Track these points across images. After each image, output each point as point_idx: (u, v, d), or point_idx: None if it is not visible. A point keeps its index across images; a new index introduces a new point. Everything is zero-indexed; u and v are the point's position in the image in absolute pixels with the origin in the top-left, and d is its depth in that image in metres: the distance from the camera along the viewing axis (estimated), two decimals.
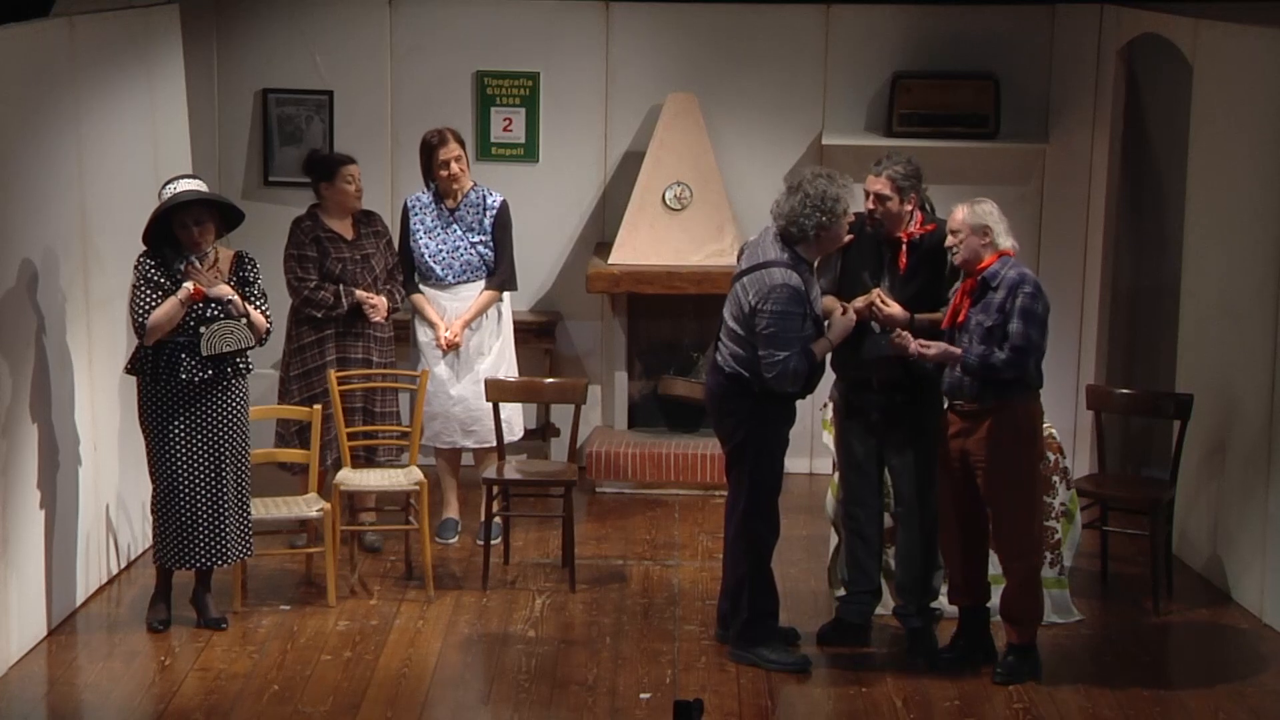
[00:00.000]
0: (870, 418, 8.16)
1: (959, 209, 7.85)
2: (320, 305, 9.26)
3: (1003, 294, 7.74)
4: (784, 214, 7.84)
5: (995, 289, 7.75)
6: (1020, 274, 7.77)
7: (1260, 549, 8.73)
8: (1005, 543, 7.91)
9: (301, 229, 9.37)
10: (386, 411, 9.44)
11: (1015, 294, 7.72)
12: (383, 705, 7.71)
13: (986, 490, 7.86)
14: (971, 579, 8.07)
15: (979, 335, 7.76)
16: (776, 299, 7.78)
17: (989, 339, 7.74)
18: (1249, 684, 8.06)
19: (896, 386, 8.11)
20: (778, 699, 7.84)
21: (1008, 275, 7.76)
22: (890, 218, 8.03)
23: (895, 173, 8.00)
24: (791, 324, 7.78)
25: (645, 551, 9.71)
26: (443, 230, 9.61)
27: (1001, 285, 7.75)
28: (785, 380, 7.83)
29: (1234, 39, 9.10)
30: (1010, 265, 7.79)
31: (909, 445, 8.15)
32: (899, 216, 8.04)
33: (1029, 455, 7.84)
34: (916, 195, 8.06)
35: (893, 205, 8.01)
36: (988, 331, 7.74)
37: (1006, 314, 7.72)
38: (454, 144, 9.52)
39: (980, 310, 7.78)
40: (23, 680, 7.91)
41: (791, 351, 7.79)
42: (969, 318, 7.81)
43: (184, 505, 8.31)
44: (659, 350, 10.94)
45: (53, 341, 8.35)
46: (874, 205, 8.03)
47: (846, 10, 10.80)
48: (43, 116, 8.30)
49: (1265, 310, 8.70)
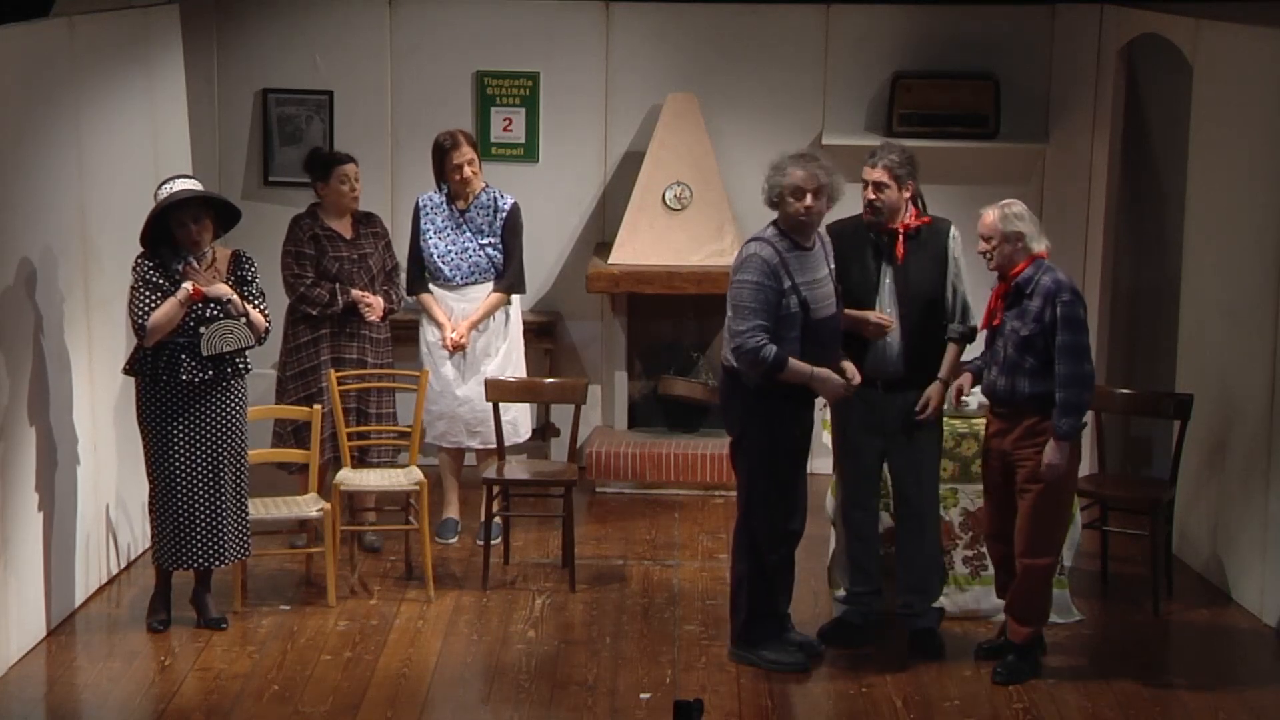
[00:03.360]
0: (874, 418, 8.16)
1: (989, 214, 7.82)
2: (315, 303, 9.26)
3: (1039, 302, 7.73)
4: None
5: (1030, 296, 7.75)
6: (1055, 280, 7.76)
7: (1260, 549, 8.72)
8: (1026, 540, 7.91)
9: (300, 226, 9.37)
10: (382, 413, 9.44)
11: (1054, 303, 7.71)
12: (383, 705, 7.71)
13: (1020, 487, 7.89)
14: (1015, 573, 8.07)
15: (1014, 342, 7.77)
16: (745, 268, 7.78)
17: (1026, 348, 7.74)
18: (1249, 684, 8.05)
19: (900, 387, 8.11)
20: (777, 699, 7.84)
21: (1043, 281, 7.76)
22: (890, 207, 8.05)
23: (891, 161, 8.03)
24: (758, 295, 7.71)
25: (645, 551, 9.71)
26: (453, 231, 9.61)
27: (1037, 293, 7.74)
28: (744, 357, 7.72)
29: (1234, 39, 9.10)
30: (1044, 270, 7.79)
31: (914, 446, 8.15)
32: (898, 206, 8.07)
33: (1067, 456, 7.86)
34: (913, 184, 8.08)
35: (891, 194, 8.03)
36: (1024, 340, 7.74)
37: (1046, 324, 7.72)
38: (466, 147, 9.52)
39: (1015, 317, 7.79)
40: (22, 680, 7.91)
41: (756, 324, 7.69)
42: (1004, 322, 7.83)
43: (182, 505, 8.31)
44: (659, 350, 10.94)
45: (52, 341, 8.35)
46: (873, 194, 8.04)
47: (846, 10, 10.80)
48: (43, 116, 8.30)
49: (1265, 310, 8.70)
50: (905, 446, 8.16)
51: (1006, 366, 7.83)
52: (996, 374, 7.86)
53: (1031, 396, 7.79)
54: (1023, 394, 7.80)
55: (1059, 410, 7.73)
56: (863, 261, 8.12)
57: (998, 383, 7.86)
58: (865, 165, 8.11)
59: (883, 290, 8.10)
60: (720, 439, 10.73)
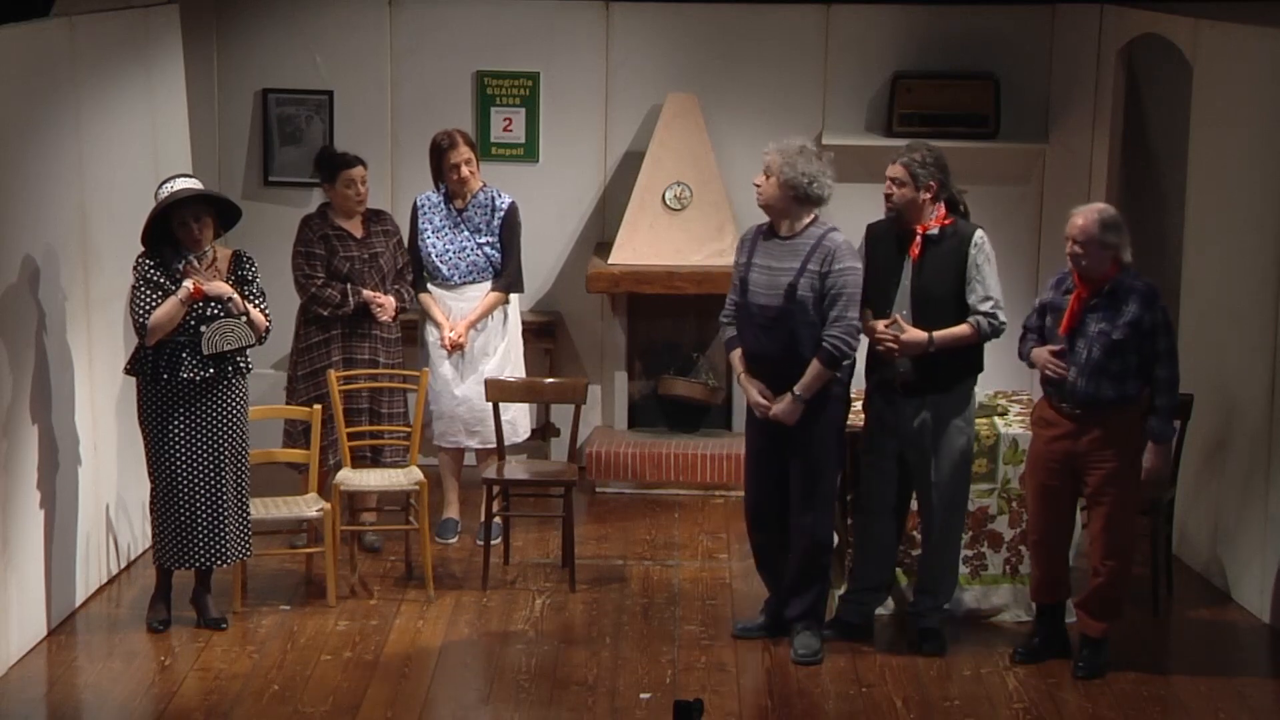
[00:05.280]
0: (892, 419, 8.16)
1: (1086, 219, 7.79)
2: (327, 303, 9.26)
3: (1135, 307, 7.75)
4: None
5: (1125, 301, 7.77)
6: (1148, 286, 7.81)
7: (1260, 549, 8.73)
8: (1105, 544, 7.92)
9: (310, 226, 9.38)
10: (394, 413, 9.44)
11: (1153, 308, 7.76)
12: (383, 705, 7.71)
13: (1096, 490, 7.90)
14: (1057, 577, 8.12)
15: (1103, 345, 7.77)
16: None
17: (1114, 351, 7.76)
18: (1249, 684, 8.06)
19: (916, 389, 8.10)
20: (777, 699, 7.84)
21: (1136, 287, 7.79)
22: (906, 205, 8.02)
23: (911, 160, 8.00)
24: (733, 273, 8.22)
25: (645, 551, 9.71)
26: (450, 230, 9.61)
27: (1132, 298, 7.77)
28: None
29: (1234, 39, 9.10)
30: (1133, 276, 7.82)
31: (929, 449, 8.14)
32: (916, 205, 8.02)
33: (1138, 456, 7.90)
34: (937, 186, 8.03)
35: (906, 192, 8.00)
36: (1115, 344, 7.76)
37: (1144, 329, 7.75)
38: (464, 147, 9.52)
39: (1103, 320, 7.79)
40: (23, 680, 7.91)
41: (728, 300, 8.22)
42: (1087, 324, 7.81)
43: (183, 504, 8.31)
44: (659, 350, 10.94)
45: (53, 341, 8.35)
46: (889, 189, 8.05)
47: (846, 10, 10.81)
48: (43, 116, 8.30)
49: (1265, 310, 8.70)
50: (920, 449, 8.15)
51: (1090, 369, 7.81)
52: (1076, 375, 7.84)
53: (1114, 400, 7.82)
54: (1107, 397, 7.81)
55: (1162, 415, 7.83)
56: (886, 260, 8.12)
57: (1078, 384, 7.85)
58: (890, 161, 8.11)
59: (900, 290, 8.09)
60: (720, 439, 10.75)
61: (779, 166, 7.94)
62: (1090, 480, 7.91)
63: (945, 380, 8.08)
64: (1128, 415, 7.85)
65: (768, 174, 7.99)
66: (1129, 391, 7.83)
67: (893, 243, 8.11)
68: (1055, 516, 8.06)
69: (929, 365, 8.03)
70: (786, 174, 7.90)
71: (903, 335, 8.00)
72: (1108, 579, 7.97)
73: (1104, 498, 7.90)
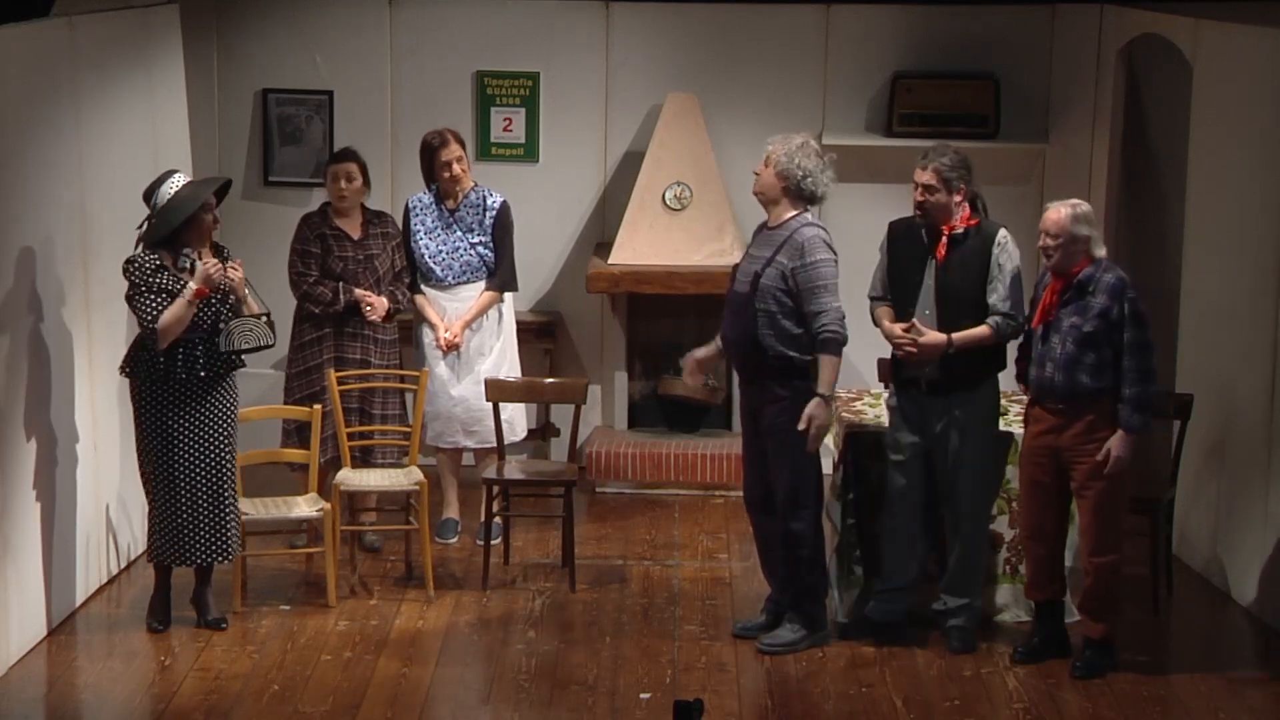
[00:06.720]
0: (917, 418, 8.16)
1: (1058, 212, 7.83)
2: (318, 301, 9.27)
3: (1104, 299, 7.76)
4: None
5: (1093, 293, 7.77)
6: (1119, 278, 7.81)
7: (1260, 549, 8.73)
8: (1094, 539, 7.93)
9: (308, 224, 9.39)
10: (388, 414, 9.43)
11: (1121, 300, 7.76)
12: (383, 705, 7.71)
13: (1081, 484, 7.90)
14: (1052, 574, 8.12)
15: (1074, 338, 7.78)
16: None
17: (1087, 343, 7.76)
18: (1249, 684, 8.06)
19: (941, 388, 8.10)
20: (777, 699, 7.84)
21: (1106, 279, 7.79)
22: (938, 209, 8.06)
23: (942, 164, 8.04)
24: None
25: (645, 551, 9.71)
26: (443, 231, 9.61)
27: (1101, 290, 7.77)
28: None
29: (1234, 39, 9.10)
30: (1104, 268, 7.83)
31: (953, 448, 8.14)
32: (947, 209, 8.06)
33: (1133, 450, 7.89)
34: (965, 188, 8.06)
35: (940, 197, 8.05)
36: (1085, 336, 7.76)
37: (1112, 320, 7.75)
38: (454, 145, 9.52)
39: (1074, 313, 7.80)
40: (23, 680, 7.91)
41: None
42: (1059, 318, 7.83)
43: (184, 502, 8.30)
44: (659, 350, 10.94)
45: (53, 341, 8.34)
46: (922, 196, 8.06)
47: (846, 10, 10.81)
48: (43, 116, 8.30)
49: (1265, 310, 8.70)
50: (945, 448, 8.16)
51: (1065, 362, 7.82)
52: (1052, 370, 7.85)
53: (1092, 392, 7.81)
54: (1084, 390, 7.81)
55: (1130, 405, 7.78)
56: (911, 260, 8.14)
57: (1055, 378, 7.85)
58: (917, 166, 8.12)
59: (925, 290, 8.10)
60: (719, 439, 10.75)
61: (778, 157, 8.02)
62: (1075, 474, 7.92)
63: (970, 378, 8.10)
64: (1109, 408, 7.83)
65: (767, 163, 8.07)
66: (1107, 384, 7.81)
67: (917, 241, 8.14)
68: (1045, 512, 8.05)
69: (952, 364, 8.05)
70: (783, 164, 7.99)
71: (921, 339, 8.03)
72: (1096, 577, 7.96)
73: (1088, 491, 7.90)
